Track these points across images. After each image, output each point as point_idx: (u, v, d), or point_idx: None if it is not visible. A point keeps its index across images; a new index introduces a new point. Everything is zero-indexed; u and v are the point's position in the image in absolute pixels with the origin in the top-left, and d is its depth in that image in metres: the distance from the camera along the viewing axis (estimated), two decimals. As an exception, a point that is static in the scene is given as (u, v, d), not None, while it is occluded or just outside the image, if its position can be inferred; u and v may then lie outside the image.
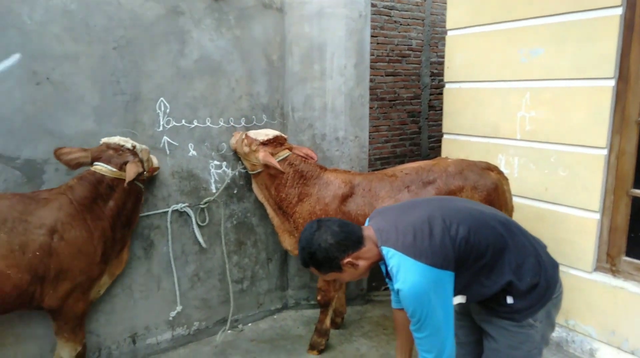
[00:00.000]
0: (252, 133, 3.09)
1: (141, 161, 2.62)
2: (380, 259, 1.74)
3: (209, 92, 3.11)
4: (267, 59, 3.33)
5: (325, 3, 3.32)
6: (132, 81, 2.81)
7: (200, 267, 3.28)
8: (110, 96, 2.75)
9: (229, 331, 3.41)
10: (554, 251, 3.35)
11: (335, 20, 3.35)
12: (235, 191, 3.35)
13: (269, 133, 3.05)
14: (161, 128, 2.97)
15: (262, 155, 2.96)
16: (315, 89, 3.44)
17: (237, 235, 3.43)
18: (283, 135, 3.14)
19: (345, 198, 2.99)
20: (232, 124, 3.25)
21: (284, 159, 3.03)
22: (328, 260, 1.68)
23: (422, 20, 5.40)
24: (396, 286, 1.62)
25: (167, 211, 3.04)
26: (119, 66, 2.75)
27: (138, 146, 2.64)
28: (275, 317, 3.68)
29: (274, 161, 2.95)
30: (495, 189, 2.95)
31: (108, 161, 2.51)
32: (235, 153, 3.26)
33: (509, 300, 1.76)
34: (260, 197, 3.25)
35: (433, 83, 5.71)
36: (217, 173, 3.26)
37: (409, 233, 1.66)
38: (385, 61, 5.14)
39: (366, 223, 1.86)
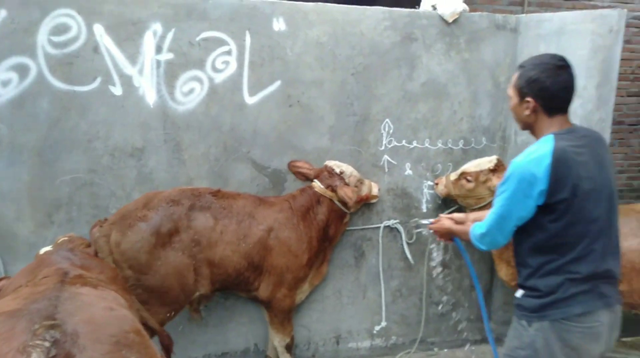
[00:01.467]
0: (470, 167, 2.94)
1: (347, 185, 2.78)
2: (526, 126, 1.90)
3: (430, 114, 3.17)
4: (494, 81, 3.21)
5: (568, 19, 3.02)
6: (364, 104, 3.06)
7: (404, 283, 3.35)
8: (344, 117, 3.05)
9: (424, 352, 3.40)
10: None
11: (577, 37, 3.01)
12: (445, 213, 3.32)
13: (491, 159, 2.93)
14: (383, 147, 3.15)
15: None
16: (545, 113, 3.16)
17: (442, 257, 3.39)
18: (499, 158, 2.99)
19: None
20: (449, 146, 3.24)
21: None
22: (526, 83, 1.79)
23: (687, 29, 4.43)
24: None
25: (380, 226, 3.20)
26: (355, 90, 3.02)
27: (347, 172, 2.83)
28: (473, 348, 3.51)
29: None
30: None
31: (321, 181, 2.82)
32: (444, 199, 3.20)
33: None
34: None
35: (694, 105, 4.63)
36: (430, 193, 3.29)
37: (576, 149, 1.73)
38: (629, 79, 4.39)
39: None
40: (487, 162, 2.92)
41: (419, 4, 3.19)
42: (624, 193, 4.68)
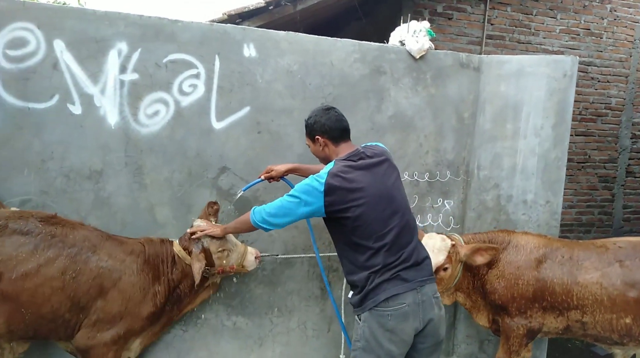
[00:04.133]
0: (437, 258, 2.69)
1: (205, 250, 2.53)
2: (325, 159, 2.32)
3: (397, 146, 3.21)
4: (458, 116, 3.32)
5: (526, 62, 3.20)
6: (333, 133, 3.05)
7: (369, 316, 3.29)
8: (313, 146, 3.03)
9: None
10: None
11: (535, 79, 3.20)
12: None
13: (443, 238, 2.78)
14: (351, 177, 3.13)
15: (468, 248, 2.77)
16: (506, 149, 3.29)
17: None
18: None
19: (539, 262, 2.74)
20: (416, 178, 3.29)
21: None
22: (310, 127, 2.30)
23: (626, 77, 4.82)
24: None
25: (347, 257, 3.15)
26: (324, 119, 3.02)
27: (208, 239, 2.54)
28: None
29: (486, 244, 2.81)
30: None
31: (181, 241, 2.57)
32: None
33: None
34: (456, 294, 2.99)
35: (634, 146, 4.99)
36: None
37: (347, 169, 2.15)
38: (577, 119, 4.70)
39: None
40: (441, 241, 2.75)
41: (387, 39, 3.29)
42: (573, 227, 4.91)
